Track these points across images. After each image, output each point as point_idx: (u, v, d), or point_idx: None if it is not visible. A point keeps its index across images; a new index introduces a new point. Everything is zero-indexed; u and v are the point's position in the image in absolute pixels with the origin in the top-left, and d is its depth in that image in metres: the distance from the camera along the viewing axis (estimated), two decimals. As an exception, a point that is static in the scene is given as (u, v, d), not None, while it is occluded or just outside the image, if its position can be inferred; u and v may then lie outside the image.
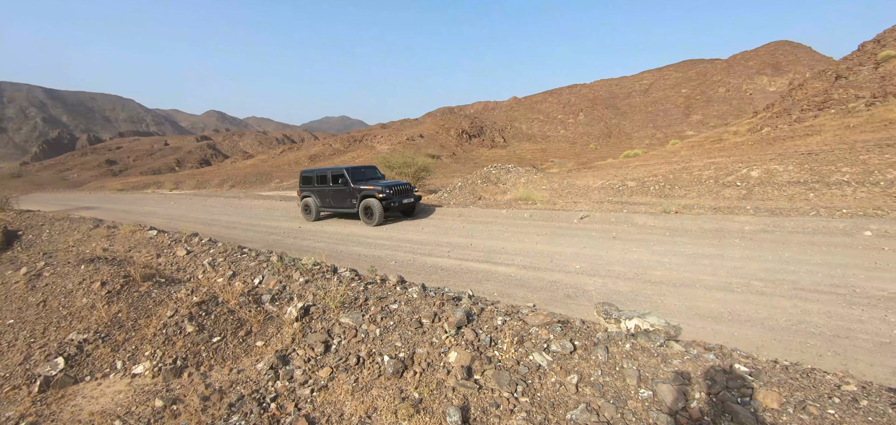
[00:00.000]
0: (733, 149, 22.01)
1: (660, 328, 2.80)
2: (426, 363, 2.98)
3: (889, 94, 22.35)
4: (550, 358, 2.58)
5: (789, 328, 4.24)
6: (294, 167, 47.98)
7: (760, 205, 10.50)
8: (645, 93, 78.04)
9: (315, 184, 13.44)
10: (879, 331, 4.03)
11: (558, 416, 2.20)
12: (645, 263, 6.71)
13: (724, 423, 1.94)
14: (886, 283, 5.17)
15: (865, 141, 15.31)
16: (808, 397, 2.11)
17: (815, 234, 7.68)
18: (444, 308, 3.64)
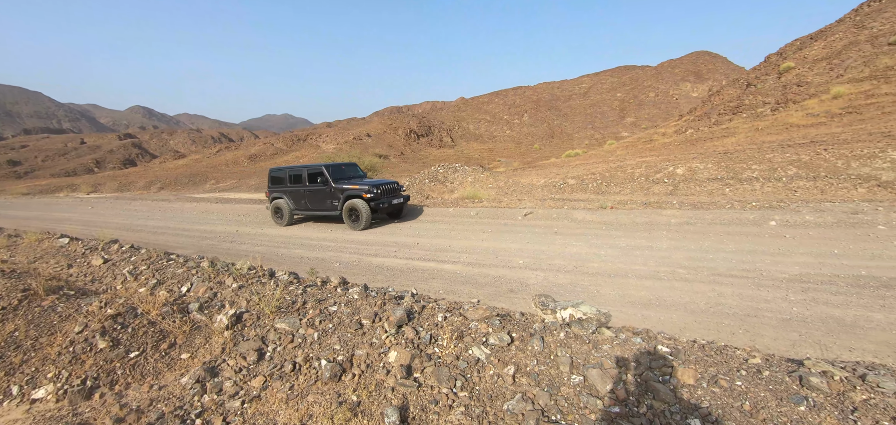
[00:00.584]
0: (662, 149, 23.70)
1: (592, 316, 2.94)
2: (365, 364, 2.90)
3: (789, 101, 25.07)
4: (489, 351, 2.61)
5: (708, 310, 4.62)
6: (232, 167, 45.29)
7: (685, 199, 11.40)
8: (584, 96, 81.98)
9: (288, 183, 12.11)
10: (782, 309, 4.50)
11: (496, 408, 2.23)
12: (583, 256, 7.03)
13: (647, 400, 2.06)
14: (788, 267, 5.79)
15: (771, 142, 17.09)
16: (719, 371, 2.30)
17: (730, 225, 8.45)
18: (385, 307, 3.57)
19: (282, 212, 12.06)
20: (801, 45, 32.23)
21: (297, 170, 12.04)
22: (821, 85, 24.50)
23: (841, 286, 4.99)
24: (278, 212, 12.19)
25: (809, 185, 10.93)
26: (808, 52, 29.64)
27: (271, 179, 12.64)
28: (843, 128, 16.71)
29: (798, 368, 2.35)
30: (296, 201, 11.88)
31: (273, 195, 12.42)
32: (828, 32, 30.60)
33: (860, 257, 5.94)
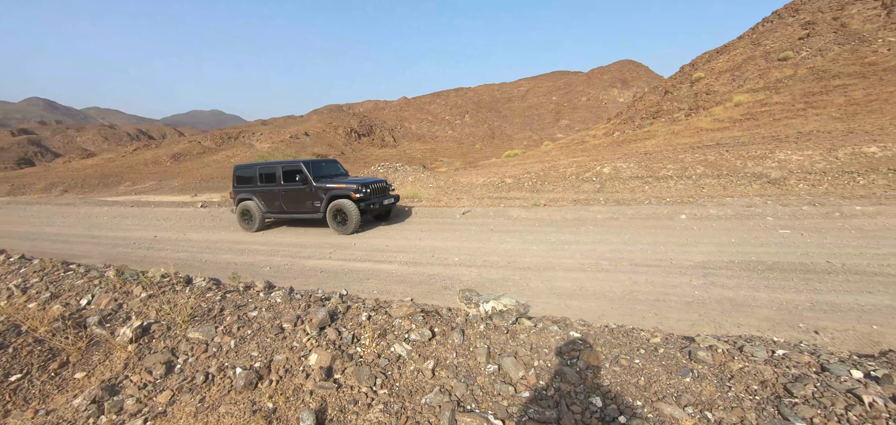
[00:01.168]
0: (592, 150, 25.16)
1: (512, 307, 3.05)
2: (284, 369, 2.79)
3: (700, 107, 27.64)
4: (410, 347, 2.62)
5: (624, 297, 4.97)
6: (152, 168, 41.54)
7: (610, 196, 12.20)
8: (523, 98, 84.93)
9: (258, 183, 10.71)
10: (686, 293, 4.95)
11: (414, 402, 2.23)
12: (516, 252, 7.28)
13: (555, 383, 2.17)
14: (693, 255, 6.38)
15: (684, 144, 18.76)
16: (622, 352, 2.49)
17: (648, 219, 9.18)
18: (309, 310, 3.46)
19: (251, 215, 10.68)
20: (709, 58, 35.71)
21: (269, 166, 10.77)
22: (725, 94, 27.33)
23: (735, 270, 5.60)
24: (247, 215, 10.79)
25: (714, 183, 12.16)
26: (714, 65, 32.95)
27: (237, 178, 11.23)
28: (743, 133, 18.78)
29: (689, 344, 2.61)
30: (268, 203, 10.57)
31: (240, 196, 10.98)
32: (731, 47, 34.24)
33: (752, 245, 6.70)
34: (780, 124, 18.78)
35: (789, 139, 14.67)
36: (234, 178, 11.30)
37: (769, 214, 8.50)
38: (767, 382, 2.12)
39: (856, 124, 15.66)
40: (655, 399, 2.03)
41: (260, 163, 11.04)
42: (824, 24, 29.39)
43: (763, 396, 2.01)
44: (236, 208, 10.96)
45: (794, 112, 20.60)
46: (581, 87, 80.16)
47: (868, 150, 11.97)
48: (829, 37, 28.05)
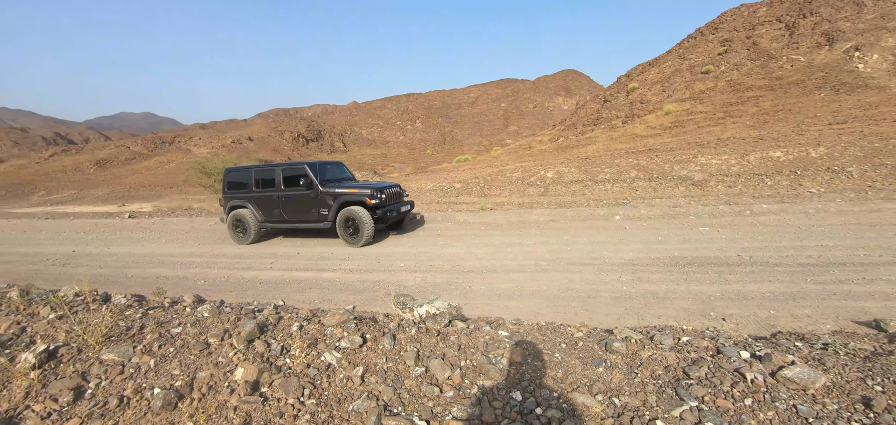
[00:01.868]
0: (538, 155, 26.07)
1: (444, 310, 3.11)
2: (208, 387, 2.66)
3: (635, 115, 29.48)
4: (340, 355, 2.60)
5: (560, 295, 5.21)
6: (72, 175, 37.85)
7: (553, 199, 12.72)
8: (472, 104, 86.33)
9: (254, 188, 9.63)
10: (615, 289, 5.28)
11: (342, 410, 2.22)
12: (461, 256, 7.39)
13: (479, 381, 2.25)
14: (625, 253, 6.81)
15: (621, 149, 19.92)
16: (545, 347, 2.62)
17: (586, 221, 9.67)
18: (238, 323, 3.32)
19: (246, 225, 9.57)
20: (642, 70, 38.28)
21: (267, 170, 9.69)
22: (657, 103, 29.39)
23: (660, 266, 6.04)
24: (240, 225, 9.67)
25: (646, 185, 13.04)
26: (647, 76, 35.37)
27: (228, 183, 10.09)
28: (671, 139, 20.29)
29: (607, 337, 2.80)
30: (266, 211, 9.52)
31: (232, 203, 9.85)
32: (661, 61, 36.91)
33: (675, 242, 7.26)
34: (703, 131, 20.50)
35: (710, 145, 16.05)
36: (225, 183, 10.16)
37: (692, 213, 9.25)
38: (670, 367, 2.33)
39: (765, 131, 17.44)
40: (570, 389, 2.16)
41: (256, 166, 10.08)
42: (739, 41, 32.46)
43: (665, 380, 2.20)
44: (227, 217, 9.83)
45: (715, 120, 22.56)
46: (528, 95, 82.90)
47: (774, 155, 13.37)
48: (743, 53, 31.00)
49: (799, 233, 7.21)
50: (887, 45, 26.30)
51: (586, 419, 1.92)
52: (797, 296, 4.59)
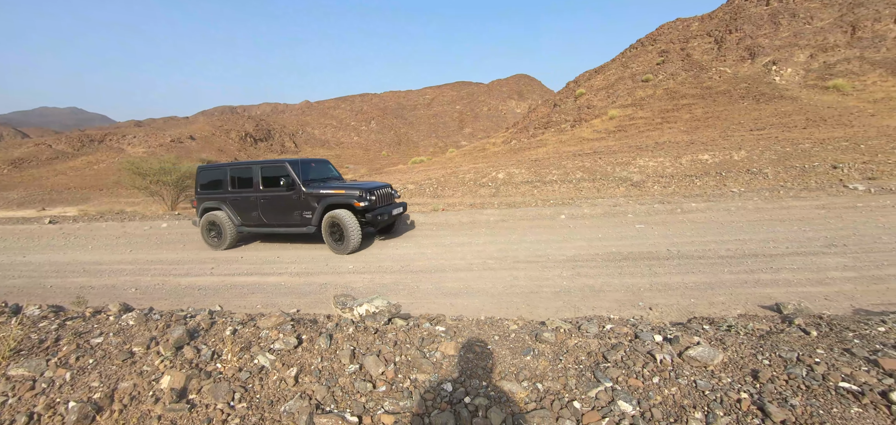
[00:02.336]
0: (491, 157, 26.58)
1: (384, 309, 3.14)
2: (130, 397, 2.52)
3: (582, 120, 30.77)
4: (274, 357, 2.55)
5: (504, 292, 5.37)
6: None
7: (503, 200, 13.04)
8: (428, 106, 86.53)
9: (230, 188, 8.85)
10: (556, 285, 5.52)
11: (274, 412, 2.19)
12: (410, 256, 7.42)
13: (412, 375, 2.30)
14: (567, 250, 7.13)
15: (569, 152, 20.73)
16: (479, 340, 2.72)
17: (534, 220, 10.01)
18: (167, 330, 3.16)
19: (221, 229, 8.76)
20: (589, 77, 40.09)
21: (244, 168, 8.88)
22: (602, 108, 30.90)
23: (598, 262, 6.38)
24: (214, 229, 8.89)
25: (590, 186, 13.71)
26: (593, 82, 37.10)
27: (201, 183, 9.31)
28: (615, 143, 21.42)
29: (540, 328, 2.95)
30: (243, 213, 8.76)
31: (205, 205, 9.07)
32: (605, 68, 38.85)
33: (614, 238, 7.70)
34: (643, 136, 21.84)
35: (648, 148, 17.14)
36: (197, 184, 9.39)
37: (630, 212, 9.84)
38: (592, 352, 2.50)
39: (696, 136, 18.86)
40: (499, 378, 2.27)
41: (231, 164, 9.23)
42: (675, 53, 34.82)
43: (586, 364, 2.36)
44: (199, 220, 9.08)
45: (654, 125, 24.07)
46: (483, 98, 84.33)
47: (703, 158, 14.50)
48: (678, 64, 33.29)
49: (721, 229, 7.89)
50: (799, 60, 29.23)
51: (511, 404, 2.03)
52: (715, 286, 5.04)
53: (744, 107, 23.85)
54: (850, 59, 28.59)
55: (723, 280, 5.22)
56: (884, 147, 14.02)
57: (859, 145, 14.38)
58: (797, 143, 14.97)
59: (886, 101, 22.64)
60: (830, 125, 18.27)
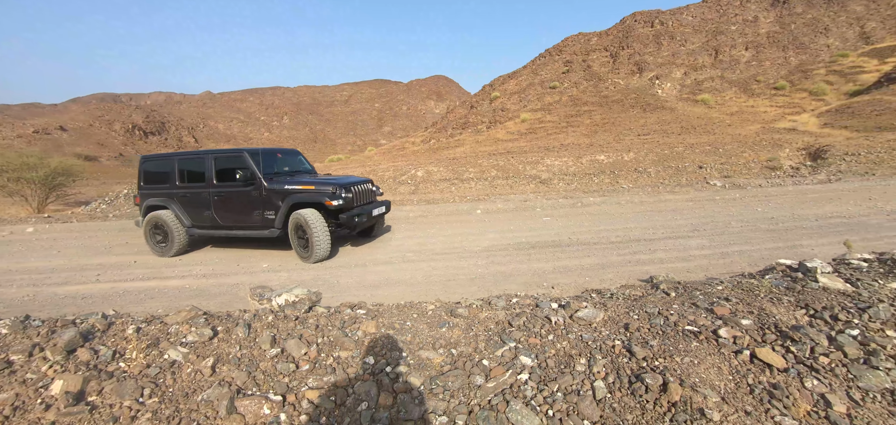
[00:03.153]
0: (411, 156, 26.80)
1: (304, 297, 3.18)
2: (13, 408, 2.27)
3: (497, 122, 32.30)
4: (187, 350, 2.48)
5: (422, 281, 5.60)
6: None
7: (422, 197, 13.34)
8: (345, 103, 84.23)
9: (178, 182, 7.51)
10: (471, 272, 5.89)
11: (190, 403, 2.15)
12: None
13: (335, 352, 2.41)
14: (482, 242, 7.58)
15: (485, 151, 21.71)
16: (398, 319, 2.90)
17: (452, 215, 10.42)
18: (52, 336, 2.86)
19: (167, 231, 7.40)
20: (503, 81, 42.25)
21: (194, 159, 7.52)
22: (515, 111, 32.78)
23: (510, 251, 6.91)
24: (160, 232, 7.51)
25: (504, 183, 14.59)
26: (507, 86, 39.18)
27: (145, 175, 7.87)
28: (526, 143, 22.92)
29: (455, 306, 3.21)
30: (193, 212, 7.43)
31: (149, 202, 7.70)
32: (518, 74, 41.24)
33: (523, 230, 8.35)
34: (550, 138, 23.68)
35: (554, 149, 18.67)
36: (140, 176, 7.99)
37: (538, 206, 10.71)
38: (501, 322, 2.82)
39: (595, 139, 20.95)
40: (417, 348, 2.47)
41: (180, 154, 7.84)
42: (577, 63, 38.13)
43: (494, 331, 2.67)
44: (142, 221, 7.67)
45: (560, 129, 26.18)
46: (402, 97, 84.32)
47: (600, 158, 16.22)
48: (580, 74, 36.51)
49: (613, 219, 8.97)
50: (676, 76, 33.75)
51: (429, 368, 2.24)
52: (606, 266, 5.79)
53: (633, 114, 26.97)
54: (714, 77, 33.80)
55: (612, 261, 6.02)
56: (736, 151, 16.92)
57: (718, 149, 17.18)
58: (673, 147, 17.42)
59: (740, 113, 27.21)
60: (698, 132, 21.52)
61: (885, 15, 38.09)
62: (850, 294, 2.88)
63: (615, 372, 2.14)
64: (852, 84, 30.29)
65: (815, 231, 7.30)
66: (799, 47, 36.35)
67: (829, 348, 2.20)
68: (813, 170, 15.50)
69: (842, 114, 23.62)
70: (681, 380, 1.99)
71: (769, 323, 2.48)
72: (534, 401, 1.98)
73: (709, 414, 1.81)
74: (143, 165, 8.07)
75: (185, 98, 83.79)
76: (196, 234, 7.56)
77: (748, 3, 41.67)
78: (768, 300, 2.84)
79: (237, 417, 2.04)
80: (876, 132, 19.43)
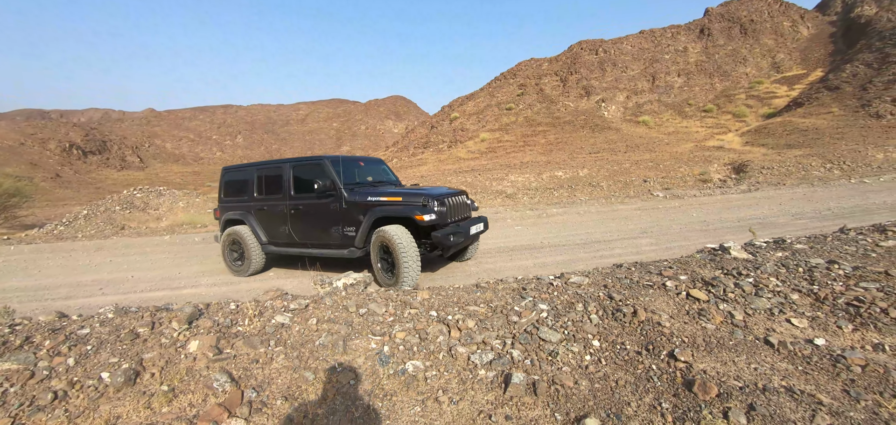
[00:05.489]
0: (377, 174, 27.43)
1: (360, 280, 4.03)
2: (164, 361, 2.97)
3: (458, 141, 33.72)
4: (291, 315, 3.28)
5: (425, 280, 6.52)
6: None
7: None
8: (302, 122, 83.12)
9: (256, 194, 6.95)
10: (466, 270, 6.85)
11: (310, 346, 2.97)
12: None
13: (406, 310, 3.31)
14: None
15: (449, 169, 22.92)
16: (439, 292, 3.84)
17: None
18: (158, 315, 3.53)
19: (245, 250, 6.80)
20: (462, 102, 44.08)
21: (273, 167, 6.84)
22: (474, 131, 34.45)
23: (493, 253, 7.96)
24: (237, 249, 6.99)
25: (474, 198, 15.77)
26: (466, 108, 40.97)
27: (226, 187, 7.45)
28: (488, 162, 24.41)
29: (476, 285, 4.20)
30: (270, 227, 6.81)
31: (227, 216, 7.28)
32: (475, 96, 43.25)
33: (499, 238, 9.47)
34: (510, 156, 25.36)
35: (516, 167, 20.21)
36: (221, 187, 7.55)
37: (508, 217, 11.92)
38: (516, 289, 3.84)
39: (551, 157, 22.79)
40: (465, 304, 3.43)
41: (259, 164, 7.19)
42: (531, 87, 40.66)
43: (515, 291, 3.68)
44: (221, 236, 7.24)
45: (518, 148, 27.99)
46: (360, 117, 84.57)
47: (558, 174, 17.87)
48: (534, 97, 38.96)
49: (575, 227, 10.33)
50: (619, 100, 36.92)
51: (476, 315, 3.21)
52: (576, 261, 7.00)
53: (584, 134, 29.37)
54: (652, 101, 37.37)
55: (580, 257, 7.25)
56: (674, 166, 19.22)
57: (659, 165, 19.43)
58: (621, 164, 19.48)
59: (675, 133, 30.39)
60: (641, 150, 23.99)
61: (790, 48, 44.00)
62: (751, 260, 4.18)
63: (602, 309, 3.23)
64: (767, 107, 34.78)
65: (736, 229, 8.98)
66: (722, 75, 41.09)
67: (735, 288, 3.41)
68: (736, 181, 18.00)
69: (759, 133, 27.20)
70: (645, 308, 3.10)
71: (698, 277, 3.69)
72: (554, 327, 3.01)
73: (663, 325, 2.92)
74: (225, 176, 7.69)
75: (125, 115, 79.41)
76: (272, 252, 6.93)
77: (679, 34, 46.56)
78: (697, 265, 4.08)
79: (351, 351, 2.89)
80: (786, 149, 22.70)
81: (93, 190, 39.55)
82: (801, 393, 2.24)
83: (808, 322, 2.99)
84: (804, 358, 2.58)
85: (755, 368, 2.48)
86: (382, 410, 2.40)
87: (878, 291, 3.21)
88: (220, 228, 7.48)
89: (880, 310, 2.97)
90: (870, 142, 21.23)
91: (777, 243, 5.00)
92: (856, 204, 11.37)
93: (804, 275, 3.59)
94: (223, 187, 7.57)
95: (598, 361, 2.69)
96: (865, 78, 30.50)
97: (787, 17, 48.02)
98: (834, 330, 2.89)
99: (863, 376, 2.38)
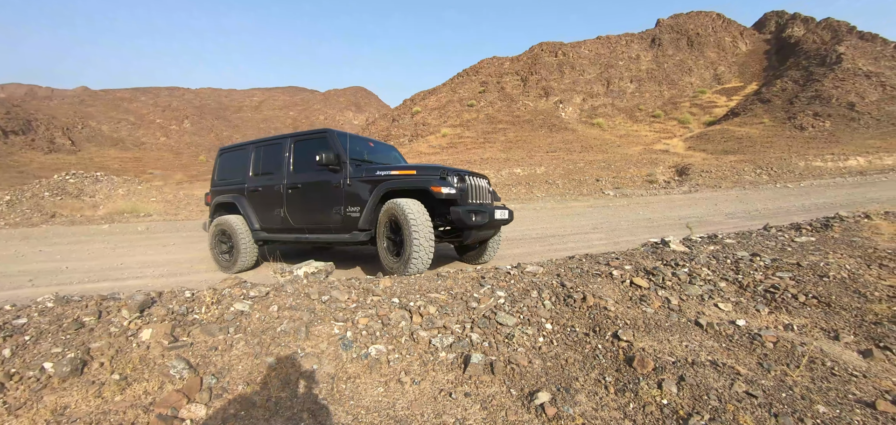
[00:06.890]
0: (337, 166, 26.97)
1: (322, 268, 4.03)
2: (114, 350, 2.86)
3: (419, 135, 33.68)
4: (251, 302, 3.25)
5: (387, 272, 6.56)
6: None
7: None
8: (256, 109, 79.76)
9: (251, 174, 6.19)
10: (426, 264, 6.98)
11: (271, 333, 2.96)
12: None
13: (368, 297, 3.37)
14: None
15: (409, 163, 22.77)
16: (401, 280, 3.93)
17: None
18: (104, 303, 3.37)
19: (235, 241, 5.99)
20: (424, 97, 44.03)
21: (272, 144, 6.07)
22: (436, 126, 34.55)
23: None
24: (224, 242, 6.24)
25: (435, 192, 15.92)
26: (428, 102, 40.97)
27: (220, 169, 6.77)
28: (449, 157, 24.61)
29: (437, 272, 4.32)
30: (263, 211, 6.00)
31: (218, 200, 6.59)
32: (438, 91, 43.35)
33: (460, 231, 9.67)
34: (471, 152, 25.70)
35: (476, 163, 20.54)
36: (215, 169, 6.86)
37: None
38: (475, 278, 4.00)
39: (510, 155, 23.33)
40: (427, 292, 3.54)
41: (257, 141, 6.46)
42: (492, 85, 41.27)
43: (474, 279, 3.85)
44: (210, 225, 6.49)
45: (479, 144, 28.40)
46: (318, 106, 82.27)
47: (517, 171, 18.36)
48: (495, 94, 39.58)
49: (532, 222, 10.72)
50: (576, 102, 38.25)
51: (437, 302, 3.33)
52: (531, 253, 7.30)
53: (542, 134, 30.26)
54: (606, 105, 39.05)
55: (535, 250, 7.57)
56: (624, 167, 20.28)
57: (611, 166, 20.43)
58: (575, 163, 20.30)
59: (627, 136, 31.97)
60: (595, 151, 25.09)
61: (730, 62, 47.47)
62: (687, 253, 4.59)
63: (555, 295, 3.45)
64: (708, 115, 37.40)
65: (676, 226, 9.69)
66: (670, 83, 43.68)
67: (672, 276, 3.75)
68: (679, 183, 19.29)
69: (701, 139, 29.23)
70: (593, 295, 3.36)
71: (641, 267, 4.02)
72: (510, 312, 3.19)
73: (609, 309, 3.18)
74: (220, 158, 6.97)
75: (54, 93, 72.71)
76: (266, 239, 6.22)
77: (632, 43, 48.96)
78: (641, 257, 4.43)
79: (313, 337, 2.93)
80: (723, 155, 24.57)
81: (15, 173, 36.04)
82: (723, 365, 2.54)
83: (733, 306, 3.36)
84: (727, 336, 2.92)
85: (686, 346, 2.77)
86: (346, 392, 2.47)
87: (790, 280, 3.65)
88: (210, 216, 6.86)
89: (791, 295, 3.40)
90: (794, 151, 23.43)
91: (710, 238, 5.49)
92: (779, 205, 12.59)
93: (731, 266, 4.00)
94: (217, 169, 6.96)
95: (551, 342, 2.90)
96: (792, 93, 33.56)
97: (728, 33, 51.77)
98: (753, 313, 3.27)
99: (774, 351, 2.73)
